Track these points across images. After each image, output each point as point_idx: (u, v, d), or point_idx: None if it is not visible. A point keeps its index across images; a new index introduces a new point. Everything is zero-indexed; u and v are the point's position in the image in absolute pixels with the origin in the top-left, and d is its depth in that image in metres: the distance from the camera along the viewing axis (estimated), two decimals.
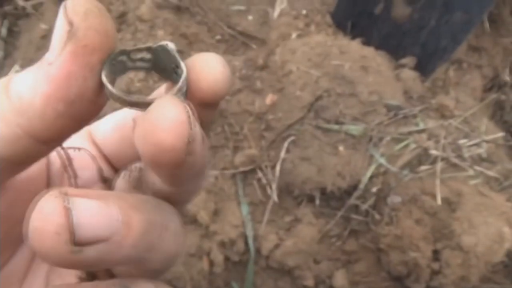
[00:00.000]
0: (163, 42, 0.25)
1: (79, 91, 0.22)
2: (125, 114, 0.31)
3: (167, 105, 0.21)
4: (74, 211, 0.20)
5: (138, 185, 0.29)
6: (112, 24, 0.22)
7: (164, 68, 0.25)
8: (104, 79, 0.22)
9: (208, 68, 0.25)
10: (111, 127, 0.32)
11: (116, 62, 0.23)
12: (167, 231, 0.25)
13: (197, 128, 0.22)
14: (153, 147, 0.21)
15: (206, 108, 0.26)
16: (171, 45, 0.25)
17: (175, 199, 0.27)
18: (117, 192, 0.29)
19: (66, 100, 0.21)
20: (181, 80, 0.24)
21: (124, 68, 0.24)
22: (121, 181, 0.31)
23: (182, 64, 0.24)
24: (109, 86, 0.22)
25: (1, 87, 0.22)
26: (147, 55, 0.25)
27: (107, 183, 0.32)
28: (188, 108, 0.21)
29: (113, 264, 0.23)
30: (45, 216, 0.19)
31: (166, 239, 0.25)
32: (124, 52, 0.24)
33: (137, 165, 0.30)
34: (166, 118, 0.21)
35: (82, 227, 0.20)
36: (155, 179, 0.26)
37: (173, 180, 0.24)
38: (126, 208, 0.22)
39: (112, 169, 0.33)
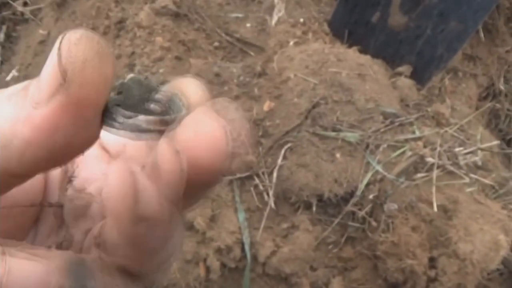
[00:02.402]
0: (130, 75, 0.22)
1: (66, 143, 0.19)
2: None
3: (204, 120, 0.19)
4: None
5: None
6: (112, 69, 0.19)
7: (134, 103, 0.22)
8: (107, 129, 0.20)
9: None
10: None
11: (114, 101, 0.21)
12: None
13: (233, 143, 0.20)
14: (190, 166, 0.19)
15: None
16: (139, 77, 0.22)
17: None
18: None
19: (49, 150, 0.19)
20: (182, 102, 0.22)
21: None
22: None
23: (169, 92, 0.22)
24: (117, 131, 0.20)
25: None
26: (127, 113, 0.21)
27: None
28: (224, 123, 0.20)
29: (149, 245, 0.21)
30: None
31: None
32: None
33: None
34: (203, 134, 0.19)
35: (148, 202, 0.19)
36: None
37: (192, 194, 0.22)
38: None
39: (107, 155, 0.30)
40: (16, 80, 1.30)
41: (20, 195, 0.26)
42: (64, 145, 0.19)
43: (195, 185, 0.20)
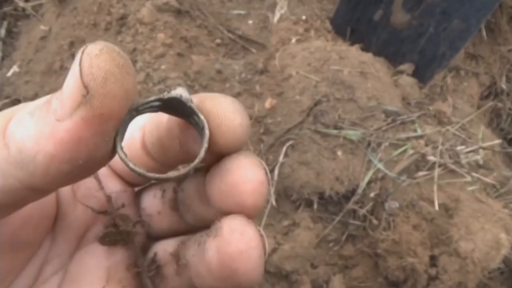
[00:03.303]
0: (176, 93, 0.23)
1: (89, 156, 0.20)
2: (133, 129, 0.28)
3: (246, 165, 0.22)
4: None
5: (175, 206, 0.29)
6: (134, 82, 0.20)
7: (175, 109, 0.24)
8: (122, 155, 0.21)
9: (227, 121, 0.22)
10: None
11: (126, 119, 0.21)
12: None
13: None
14: (234, 207, 0.22)
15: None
16: (185, 95, 0.22)
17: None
18: None
19: (73, 164, 0.19)
20: (205, 139, 0.22)
21: (132, 119, 0.23)
22: (152, 200, 0.30)
23: (202, 118, 0.22)
24: (130, 164, 0.21)
25: None
26: (156, 103, 0.23)
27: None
28: (265, 165, 0.22)
29: None
30: (249, 240, 0.22)
31: None
32: (134, 110, 0.22)
33: (170, 185, 0.29)
34: (248, 180, 0.21)
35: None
36: (201, 209, 0.26)
37: None
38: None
39: (121, 183, 0.31)
40: (17, 75, 1.30)
41: (34, 211, 0.26)
42: (86, 159, 0.20)
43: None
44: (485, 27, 1.36)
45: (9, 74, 1.31)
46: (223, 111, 0.22)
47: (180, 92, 0.22)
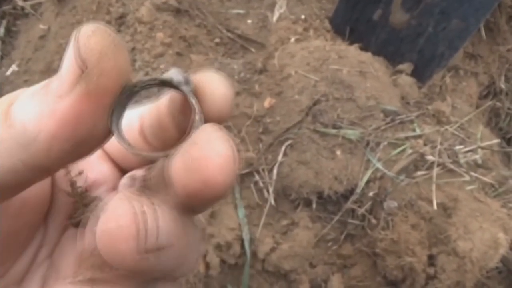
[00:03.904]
0: (167, 76, 0.23)
1: (88, 133, 0.20)
2: (130, 114, 0.29)
3: (215, 140, 0.20)
4: (148, 215, 0.19)
5: (143, 194, 0.29)
6: (127, 59, 0.21)
7: (172, 88, 0.25)
8: (115, 130, 0.21)
9: (212, 89, 0.24)
10: None
11: (123, 98, 0.22)
12: (197, 241, 0.25)
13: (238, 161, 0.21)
14: (200, 184, 0.20)
15: None
16: (176, 78, 0.23)
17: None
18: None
19: (74, 141, 0.20)
20: (197, 112, 0.23)
21: (129, 98, 0.23)
22: (125, 192, 0.30)
23: (192, 101, 0.23)
24: (124, 144, 0.22)
25: (0, 113, 0.21)
26: (152, 82, 0.23)
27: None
28: (232, 142, 0.21)
29: (161, 272, 0.22)
30: (118, 220, 0.19)
31: (195, 250, 0.24)
32: (130, 88, 0.22)
33: (138, 174, 0.29)
34: (216, 154, 0.20)
35: (157, 234, 0.19)
36: (170, 198, 0.25)
37: (201, 208, 0.23)
38: (176, 218, 0.21)
39: (117, 170, 0.32)
40: (16, 74, 1.30)
41: (30, 196, 0.26)
42: (86, 137, 0.20)
43: (205, 201, 0.21)
44: (484, 27, 1.36)
45: (8, 73, 1.31)
46: (210, 81, 0.23)
47: (171, 75, 0.23)
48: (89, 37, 0.19)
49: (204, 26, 1.28)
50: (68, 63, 0.19)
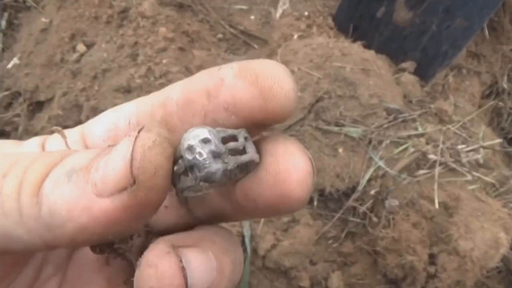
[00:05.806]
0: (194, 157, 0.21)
1: (120, 233, 0.20)
2: (118, 116, 0.27)
3: (293, 153, 0.19)
4: (188, 270, 0.19)
5: (185, 200, 0.28)
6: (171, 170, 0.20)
7: None
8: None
9: (280, 83, 0.20)
10: (104, 130, 0.28)
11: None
12: (239, 263, 0.24)
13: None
14: (276, 198, 0.19)
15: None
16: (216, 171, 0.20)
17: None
18: (204, 232, 0.25)
19: (101, 237, 0.20)
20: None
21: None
22: None
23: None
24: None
25: (30, 187, 0.20)
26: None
27: None
28: (309, 155, 0.20)
29: None
30: (161, 276, 0.19)
31: (238, 271, 0.24)
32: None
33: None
34: (294, 168, 0.19)
35: (195, 286, 0.20)
36: (219, 203, 0.24)
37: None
38: (219, 253, 0.21)
39: None
40: (17, 67, 1.29)
41: None
42: (115, 236, 0.20)
43: (276, 215, 0.22)
44: (487, 26, 1.36)
45: (9, 66, 1.30)
46: (275, 73, 0.20)
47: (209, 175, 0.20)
48: (149, 149, 0.18)
49: (207, 22, 1.28)
50: (118, 166, 0.18)
